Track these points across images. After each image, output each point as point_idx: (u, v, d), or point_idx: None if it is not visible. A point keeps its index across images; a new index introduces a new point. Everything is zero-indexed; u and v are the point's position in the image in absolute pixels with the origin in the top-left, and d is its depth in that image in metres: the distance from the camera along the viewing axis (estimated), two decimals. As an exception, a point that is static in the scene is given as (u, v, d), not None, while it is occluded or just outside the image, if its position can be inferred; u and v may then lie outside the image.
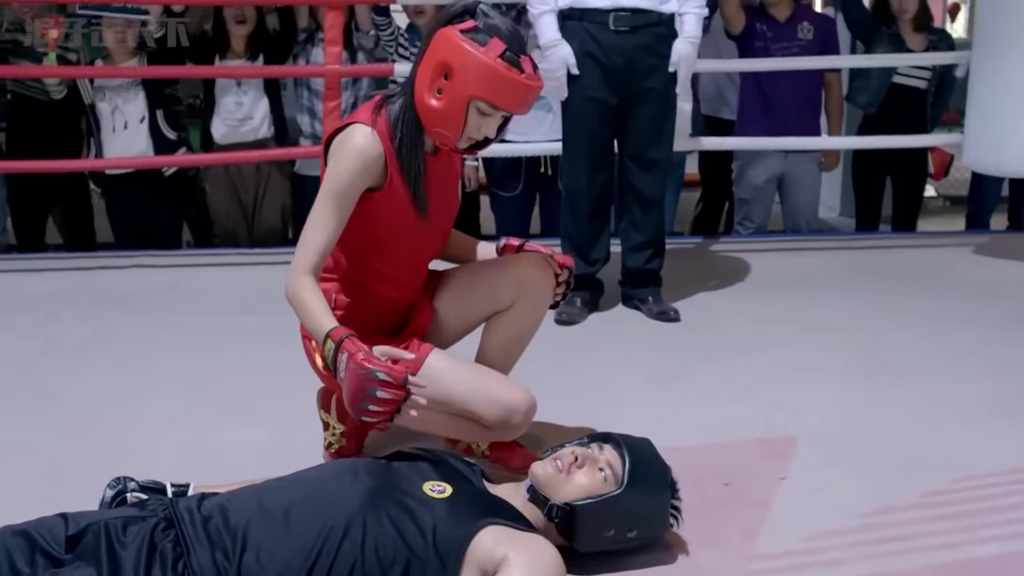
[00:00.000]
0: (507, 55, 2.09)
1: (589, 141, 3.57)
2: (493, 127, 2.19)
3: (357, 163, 2.16)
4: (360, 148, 2.16)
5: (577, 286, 3.61)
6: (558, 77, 3.49)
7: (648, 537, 2.08)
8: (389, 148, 2.20)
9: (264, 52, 4.61)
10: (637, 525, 2.04)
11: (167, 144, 4.61)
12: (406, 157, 2.20)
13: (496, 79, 2.09)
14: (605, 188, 3.64)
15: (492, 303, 2.40)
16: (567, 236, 3.71)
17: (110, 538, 1.77)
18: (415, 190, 2.23)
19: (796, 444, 2.63)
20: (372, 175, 2.19)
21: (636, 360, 3.27)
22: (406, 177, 2.22)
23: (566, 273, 2.39)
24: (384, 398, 1.98)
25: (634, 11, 3.41)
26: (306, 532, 1.81)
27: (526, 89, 2.13)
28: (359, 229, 2.25)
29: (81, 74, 4.54)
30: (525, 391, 2.33)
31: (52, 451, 2.61)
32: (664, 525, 2.09)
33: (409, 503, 1.88)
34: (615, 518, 2.00)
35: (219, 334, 3.44)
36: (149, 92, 4.56)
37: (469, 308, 2.43)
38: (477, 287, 2.41)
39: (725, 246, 4.68)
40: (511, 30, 2.13)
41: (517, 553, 1.82)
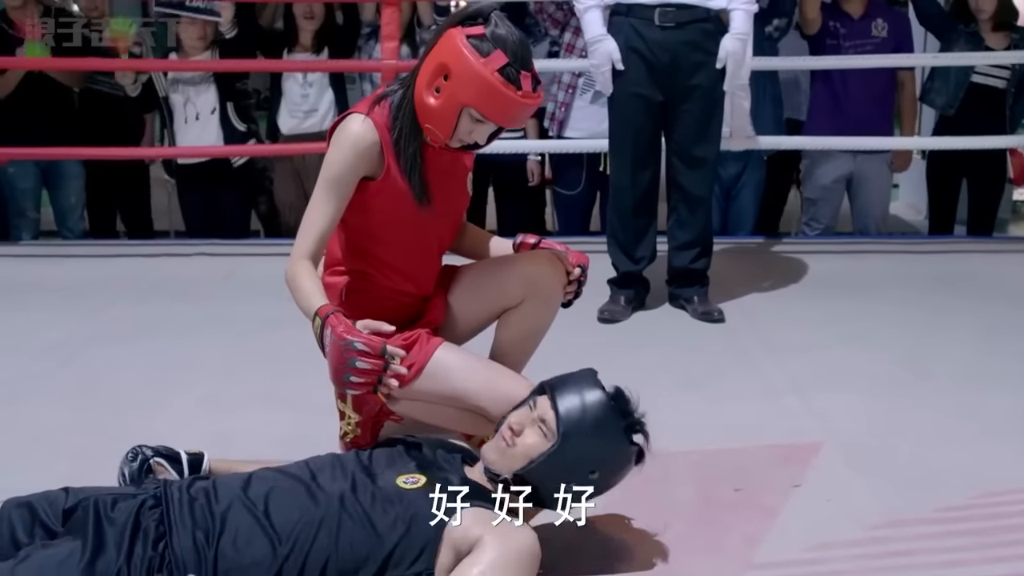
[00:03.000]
0: (506, 70, 2.07)
1: (634, 138, 3.53)
2: (484, 134, 2.18)
3: (350, 151, 2.18)
4: (354, 137, 2.18)
5: (622, 284, 3.66)
6: (603, 73, 3.47)
7: (619, 465, 2.01)
8: (387, 138, 2.21)
9: (330, 46, 4.67)
10: (595, 465, 1.96)
11: (237, 136, 4.70)
12: (403, 147, 2.21)
13: (491, 92, 2.07)
14: (651, 185, 3.60)
15: (502, 300, 2.39)
16: (613, 233, 3.68)
17: (98, 513, 1.81)
18: (412, 179, 2.23)
19: (818, 451, 2.57)
20: (367, 163, 2.21)
21: (672, 360, 3.23)
22: (403, 167, 2.23)
23: (578, 271, 2.36)
24: (363, 368, 1.98)
25: (680, 6, 3.36)
26: (282, 523, 1.84)
27: (520, 107, 2.11)
28: (361, 218, 2.27)
29: (154, 67, 4.66)
30: (532, 387, 2.31)
31: (83, 432, 2.69)
32: (625, 451, 2.00)
33: (383, 497, 1.89)
34: (566, 470, 1.94)
35: (261, 323, 3.49)
36: (220, 85, 4.66)
37: (480, 304, 2.42)
38: (487, 284, 2.40)
39: (788, 247, 4.57)
40: (518, 44, 2.10)
41: (492, 535, 1.82)
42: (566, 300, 2.40)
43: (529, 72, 2.11)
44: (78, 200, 4.97)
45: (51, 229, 5.10)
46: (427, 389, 2.25)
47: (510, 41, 2.10)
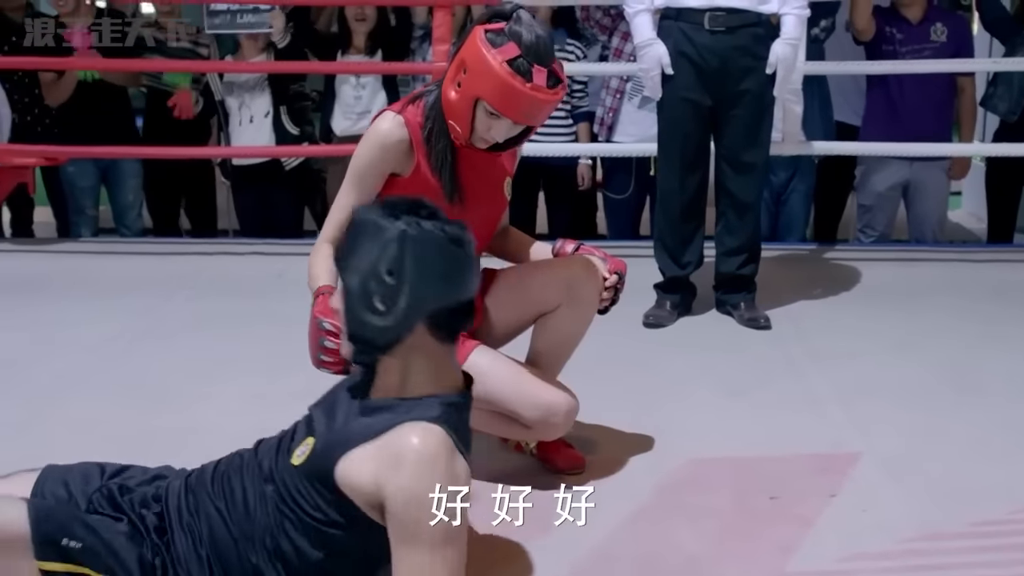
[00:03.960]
0: (517, 62, 2.09)
1: (682, 142, 3.51)
2: (502, 131, 2.19)
3: (375, 147, 2.24)
4: (381, 133, 2.24)
5: (668, 289, 3.64)
6: (652, 77, 3.45)
7: (402, 249, 1.70)
8: (418, 135, 2.25)
9: (383, 48, 4.71)
10: (375, 268, 1.70)
11: (289, 139, 4.76)
12: (433, 144, 2.25)
13: (498, 83, 2.10)
14: (699, 190, 3.57)
15: (538, 305, 2.39)
16: (659, 238, 3.67)
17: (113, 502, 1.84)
18: (442, 176, 2.26)
19: (857, 462, 2.53)
20: (393, 159, 2.25)
21: (715, 367, 3.21)
22: (433, 164, 2.25)
23: (615, 279, 2.35)
24: (331, 347, 1.99)
25: (730, 11, 3.33)
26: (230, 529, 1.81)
27: (530, 100, 2.11)
28: None
29: (208, 68, 4.74)
30: (566, 392, 2.33)
31: (129, 424, 2.75)
32: (393, 231, 1.70)
33: (285, 485, 1.78)
34: (360, 292, 1.72)
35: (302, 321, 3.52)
36: (274, 88, 4.72)
37: (516, 309, 2.43)
38: (524, 288, 2.42)
39: (841, 254, 4.51)
40: (534, 39, 2.11)
41: (385, 476, 1.66)
42: (602, 307, 2.39)
43: (545, 68, 2.11)
44: (136, 198, 5.07)
45: (109, 227, 5.21)
46: None
47: (525, 36, 2.12)
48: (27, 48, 4.81)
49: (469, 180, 2.30)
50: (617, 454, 2.58)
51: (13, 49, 4.85)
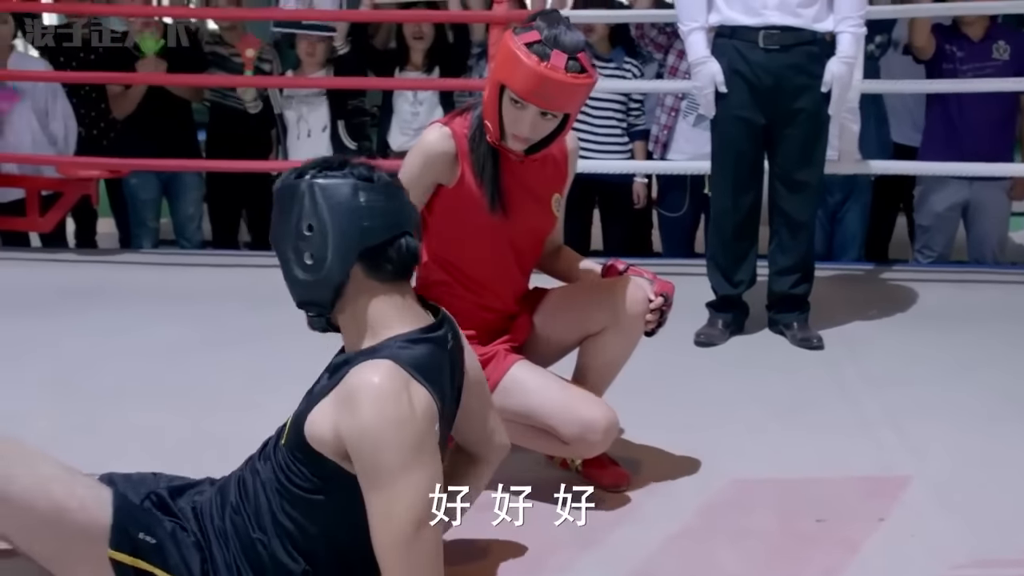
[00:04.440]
0: (536, 45, 2.13)
1: (736, 160, 3.50)
2: (526, 124, 2.20)
3: (420, 158, 2.28)
4: (427, 144, 2.28)
5: (720, 308, 3.63)
6: (706, 95, 3.45)
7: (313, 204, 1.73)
8: (463, 146, 2.29)
9: (440, 65, 4.76)
10: (292, 227, 1.76)
11: (346, 153, 4.82)
12: (476, 154, 2.28)
13: (513, 62, 2.14)
14: (752, 209, 3.56)
15: (584, 326, 2.40)
16: (712, 256, 3.65)
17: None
18: (484, 185, 2.29)
19: (907, 486, 2.50)
20: (438, 170, 2.28)
21: (765, 387, 3.18)
22: (476, 174, 2.27)
23: (660, 301, 2.35)
24: None
25: (785, 29, 3.32)
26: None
27: (543, 79, 2.12)
28: (440, 226, 2.35)
29: (268, 83, 4.81)
30: (606, 409, 2.32)
31: (179, 432, 2.81)
32: (299, 189, 1.74)
33: (278, 465, 1.81)
34: (282, 243, 1.79)
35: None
36: (332, 103, 4.78)
37: (562, 329, 2.45)
38: (570, 309, 2.43)
39: (898, 274, 4.46)
40: (557, 28, 2.15)
41: (340, 419, 1.68)
42: (649, 329, 2.38)
43: (565, 53, 2.12)
44: (196, 211, 5.16)
45: (170, 238, 5.31)
46: (500, 406, 2.28)
47: (549, 25, 2.16)
48: (95, 62, 4.96)
49: (514, 192, 2.32)
50: (662, 473, 2.57)
51: (81, 65, 4.98)
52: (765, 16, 3.32)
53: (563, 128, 2.25)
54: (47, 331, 3.69)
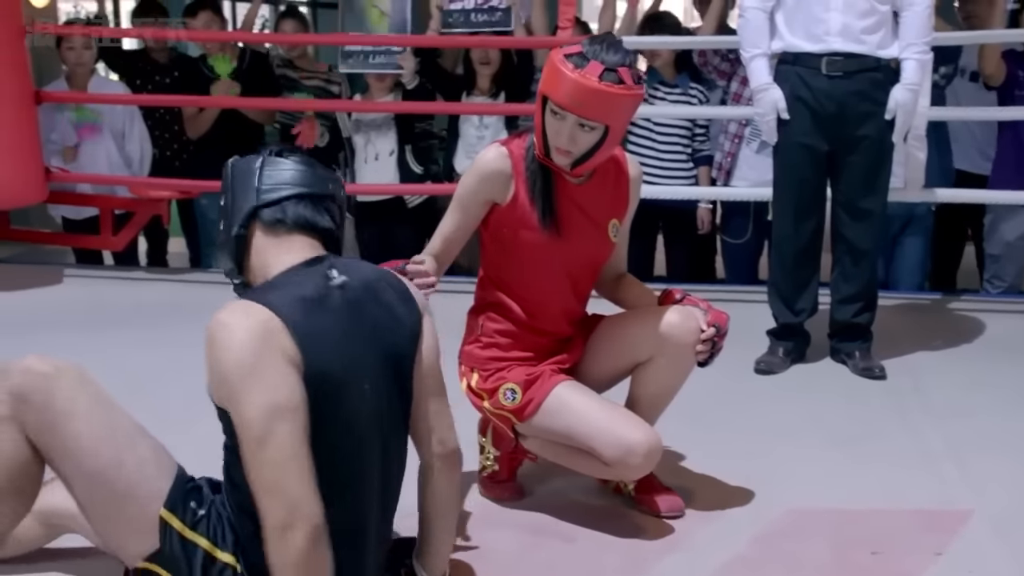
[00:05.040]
0: (575, 56, 2.18)
1: (798, 187, 3.48)
2: (565, 133, 2.23)
3: (475, 176, 2.34)
4: (482, 163, 2.33)
5: (781, 336, 3.60)
6: (768, 122, 3.44)
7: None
8: (519, 166, 2.32)
9: (506, 90, 4.80)
10: (222, 201, 1.95)
11: (412, 177, 4.87)
12: (529, 172, 2.32)
13: (553, 73, 2.20)
14: (814, 236, 3.53)
15: (634, 355, 2.41)
16: (773, 284, 3.63)
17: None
18: (536, 202, 2.32)
19: (967, 520, 2.45)
20: (492, 188, 2.32)
21: (825, 416, 3.15)
22: (529, 192, 2.30)
23: (712, 331, 2.33)
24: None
25: (848, 56, 3.30)
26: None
27: (574, 84, 2.16)
28: (494, 244, 2.39)
29: (337, 107, 4.90)
30: (649, 432, 2.31)
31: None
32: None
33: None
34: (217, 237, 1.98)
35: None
36: (400, 127, 4.85)
37: (613, 356, 2.45)
38: (622, 336, 2.43)
39: (966, 304, 4.39)
40: (598, 46, 2.19)
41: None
42: (701, 359, 2.37)
43: (602, 64, 2.16)
44: (265, 232, 5.24)
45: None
46: (544, 425, 2.30)
47: (589, 43, 2.21)
48: (170, 85, 5.09)
49: (570, 214, 2.34)
50: (717, 500, 2.56)
51: (157, 88, 5.12)
52: (828, 43, 3.30)
53: (604, 141, 2.25)
54: (117, 346, 3.78)
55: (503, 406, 2.38)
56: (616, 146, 2.35)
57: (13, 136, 4.52)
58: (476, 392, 2.44)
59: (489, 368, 2.41)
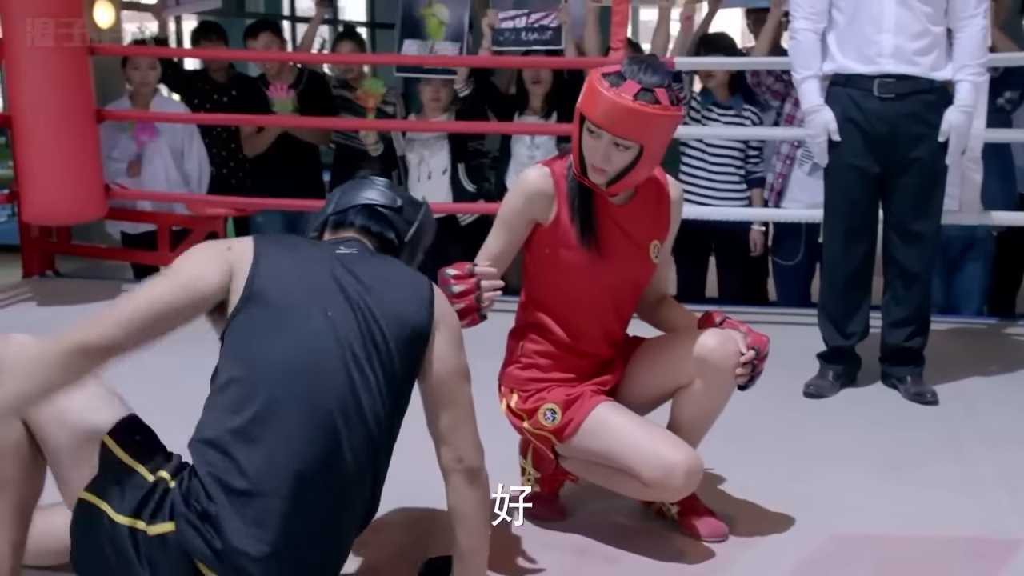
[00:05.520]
0: (612, 75, 2.20)
1: (849, 209, 3.45)
2: (600, 152, 2.24)
3: (517, 195, 2.36)
4: (524, 183, 2.35)
5: (831, 359, 3.57)
6: (819, 143, 3.42)
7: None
8: (561, 186, 2.34)
9: (558, 110, 4.81)
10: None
11: (465, 195, 4.90)
12: (570, 191, 2.32)
13: (589, 92, 2.23)
14: (865, 259, 3.49)
15: (673, 378, 2.40)
16: (823, 307, 3.60)
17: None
18: (575, 221, 2.32)
19: (1017, 550, 2.42)
20: (535, 208, 2.34)
21: (874, 441, 3.12)
22: (571, 212, 2.30)
23: (751, 354, 2.32)
24: (460, 290, 2.19)
25: (901, 77, 3.27)
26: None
27: (608, 102, 2.19)
28: (536, 265, 2.41)
29: (391, 126, 4.95)
30: (689, 452, 2.30)
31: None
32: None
33: None
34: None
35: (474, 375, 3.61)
36: (453, 146, 4.88)
37: (653, 379, 2.45)
38: (661, 359, 2.43)
39: (1022, 330, 4.31)
40: (637, 66, 2.21)
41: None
42: (741, 382, 2.36)
43: (638, 84, 2.17)
44: (320, 250, 5.30)
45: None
46: (584, 446, 2.30)
47: (629, 63, 2.23)
48: (228, 104, 5.18)
49: (610, 234, 2.35)
50: (761, 525, 2.54)
51: (215, 107, 5.21)
52: (880, 64, 3.28)
53: (639, 161, 2.25)
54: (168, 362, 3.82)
55: (543, 426, 2.38)
56: (653, 166, 2.35)
57: (75, 154, 4.63)
58: (516, 413, 2.44)
59: (529, 389, 2.42)
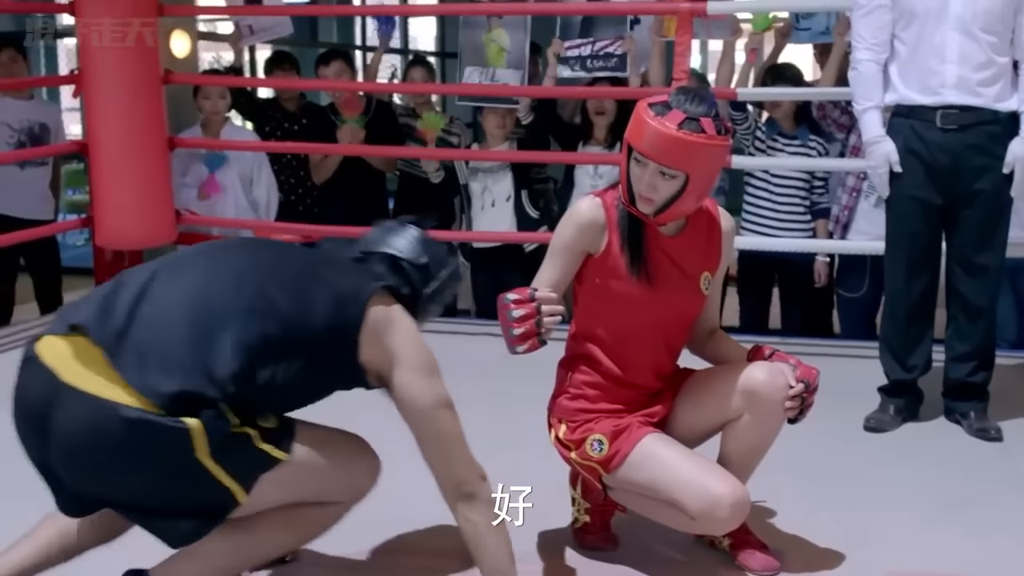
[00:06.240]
0: (658, 105, 2.22)
1: (910, 241, 3.40)
2: (645, 180, 2.25)
3: (569, 225, 2.36)
4: (576, 213, 2.36)
5: (892, 393, 3.52)
6: (880, 175, 3.39)
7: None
8: (612, 216, 2.35)
9: (622, 140, 4.81)
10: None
11: (529, 223, 4.93)
12: (621, 221, 2.33)
13: (636, 119, 2.25)
14: (926, 292, 3.44)
15: (722, 412, 2.39)
16: (885, 339, 3.55)
17: None
18: (625, 251, 2.33)
19: (1078, 593, 2.35)
20: (587, 238, 2.34)
21: (934, 477, 3.06)
22: (622, 243, 2.31)
23: (801, 387, 2.30)
24: (521, 314, 2.16)
25: (964, 108, 3.23)
26: None
27: (652, 131, 2.21)
28: (586, 296, 2.40)
29: (455, 156, 5.01)
30: (735, 485, 2.28)
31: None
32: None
33: None
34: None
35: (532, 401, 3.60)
36: (516, 174, 4.92)
37: (701, 413, 2.44)
38: (710, 392, 2.42)
39: (1096, 366, 4.20)
40: (684, 96, 2.23)
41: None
42: (790, 416, 2.33)
43: (684, 113, 2.18)
44: (383, 276, 5.36)
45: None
46: (630, 478, 2.30)
47: (676, 92, 2.25)
48: (297, 132, 5.28)
49: (661, 265, 2.35)
50: (814, 561, 2.51)
51: (286, 135, 5.32)
52: (943, 95, 3.24)
53: (685, 190, 2.26)
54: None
55: (590, 457, 2.38)
56: (701, 197, 2.34)
57: (147, 181, 4.76)
58: (564, 443, 2.45)
59: (577, 420, 2.42)
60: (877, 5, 3.34)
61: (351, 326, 2.08)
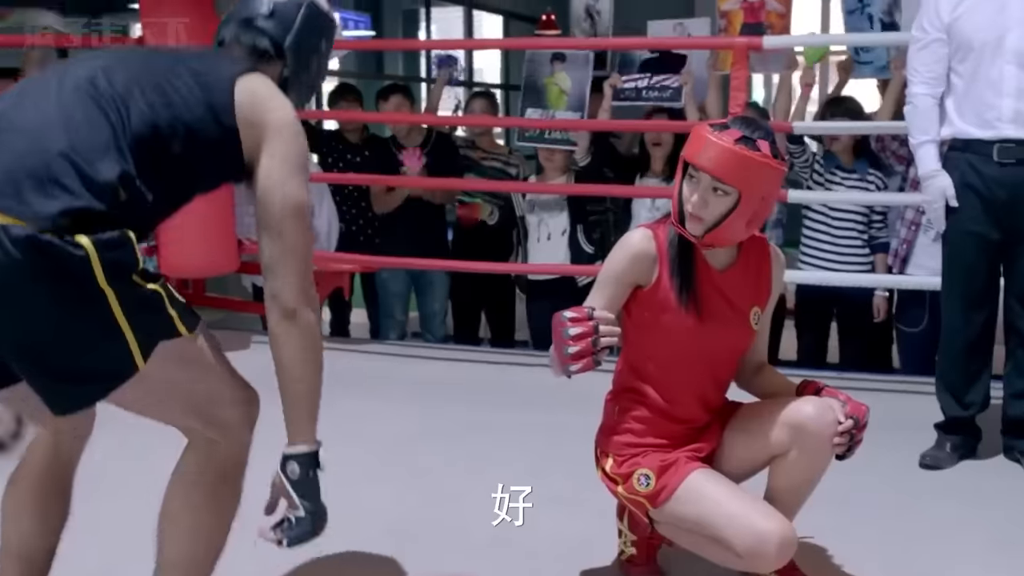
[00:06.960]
0: (715, 125, 2.24)
1: (967, 277, 3.37)
2: (696, 195, 2.25)
3: (621, 257, 2.36)
4: (629, 244, 2.36)
5: (949, 430, 3.48)
6: (936, 209, 3.36)
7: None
8: (663, 248, 2.35)
9: (678, 171, 4.84)
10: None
11: (584, 257, 4.95)
12: (671, 252, 2.33)
13: (693, 136, 2.25)
14: (985, 328, 3.40)
15: (769, 447, 2.37)
16: (941, 376, 3.50)
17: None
18: (675, 283, 2.33)
19: None
20: (637, 270, 2.34)
21: (990, 517, 3.01)
22: (672, 275, 2.31)
23: (849, 423, 2.28)
24: (577, 332, 2.14)
25: (1021, 142, 3.19)
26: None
27: (709, 144, 2.21)
28: (635, 329, 2.40)
29: (514, 188, 5.06)
30: (782, 522, 2.26)
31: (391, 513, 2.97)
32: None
33: None
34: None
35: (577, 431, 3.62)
36: (572, 208, 4.95)
37: (749, 448, 2.42)
38: (758, 427, 2.40)
39: None
40: (744, 120, 2.24)
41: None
42: (839, 452, 2.32)
43: (741, 132, 2.20)
44: (441, 307, 5.42)
45: (415, 331, 5.58)
46: (677, 513, 2.29)
47: (735, 118, 2.26)
48: (360, 164, 5.37)
49: (711, 298, 2.35)
50: (864, 599, 2.49)
51: (348, 166, 5.40)
52: (1000, 129, 3.21)
53: (735, 209, 2.24)
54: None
55: (636, 491, 2.38)
56: (752, 223, 2.31)
57: (209, 211, 4.84)
58: (611, 477, 2.45)
59: (624, 453, 2.43)
60: (933, 39, 3.32)
61: (223, 108, 1.97)
